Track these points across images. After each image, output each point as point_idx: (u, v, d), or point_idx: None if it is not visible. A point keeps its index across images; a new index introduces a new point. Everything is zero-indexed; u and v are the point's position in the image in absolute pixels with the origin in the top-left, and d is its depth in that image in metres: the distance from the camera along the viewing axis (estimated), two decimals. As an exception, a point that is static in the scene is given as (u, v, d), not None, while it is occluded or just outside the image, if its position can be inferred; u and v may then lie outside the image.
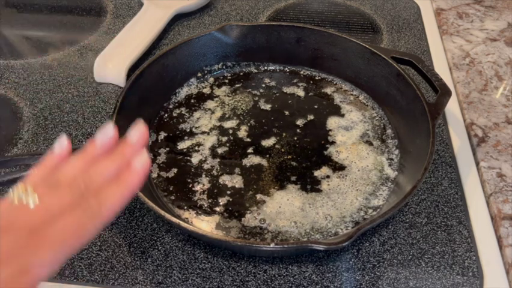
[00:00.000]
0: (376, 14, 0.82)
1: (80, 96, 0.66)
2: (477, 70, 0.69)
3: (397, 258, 0.48)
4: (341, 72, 0.66)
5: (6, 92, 0.67)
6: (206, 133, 0.59)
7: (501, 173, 0.55)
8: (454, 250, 0.48)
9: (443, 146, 0.59)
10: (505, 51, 0.72)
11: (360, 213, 0.50)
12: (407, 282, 0.46)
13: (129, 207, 0.52)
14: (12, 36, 0.79)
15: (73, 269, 0.47)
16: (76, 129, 0.61)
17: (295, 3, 0.85)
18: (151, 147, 0.58)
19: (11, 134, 0.61)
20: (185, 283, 0.46)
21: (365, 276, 0.46)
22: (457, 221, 0.51)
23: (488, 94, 0.65)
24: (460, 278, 0.46)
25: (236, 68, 0.68)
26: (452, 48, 0.73)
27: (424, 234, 0.50)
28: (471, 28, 0.77)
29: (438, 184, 0.54)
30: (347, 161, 0.56)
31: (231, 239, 0.47)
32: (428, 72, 0.57)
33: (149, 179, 0.54)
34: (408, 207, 0.52)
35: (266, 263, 0.47)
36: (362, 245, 0.49)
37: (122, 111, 0.53)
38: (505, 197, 0.52)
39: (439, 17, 0.80)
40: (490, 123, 0.61)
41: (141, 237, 0.49)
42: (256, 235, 0.49)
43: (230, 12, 0.83)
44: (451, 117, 0.63)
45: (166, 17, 0.77)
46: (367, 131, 0.59)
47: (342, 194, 0.52)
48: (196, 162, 0.56)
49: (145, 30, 0.74)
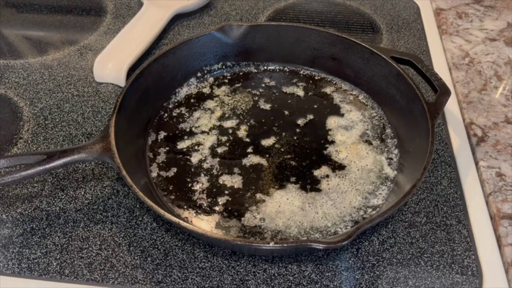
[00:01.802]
0: (376, 14, 0.82)
1: (80, 96, 0.66)
2: (476, 70, 0.69)
3: (396, 258, 0.48)
4: (340, 72, 0.66)
5: (6, 92, 0.67)
6: (206, 133, 0.59)
7: (500, 172, 0.55)
8: (453, 249, 0.48)
9: (443, 145, 0.59)
10: (504, 51, 0.72)
11: (359, 213, 0.50)
12: (407, 282, 0.46)
13: (129, 207, 0.52)
14: (12, 36, 0.79)
15: (72, 268, 0.47)
16: (75, 129, 0.61)
17: (295, 3, 0.85)
18: (150, 146, 0.58)
19: (11, 133, 0.61)
20: (185, 282, 0.46)
21: (365, 276, 0.46)
22: (456, 220, 0.51)
23: (487, 94, 0.65)
24: (459, 277, 0.46)
25: (236, 68, 0.68)
26: (451, 48, 0.73)
27: (423, 233, 0.50)
28: (470, 28, 0.77)
29: (437, 183, 0.54)
30: (347, 160, 0.56)
31: (231, 238, 0.47)
32: (428, 72, 0.57)
33: (149, 178, 0.54)
34: (408, 206, 0.52)
35: (266, 262, 0.47)
36: (362, 244, 0.49)
37: (122, 111, 0.53)
38: (504, 196, 0.52)
39: (439, 16, 0.80)
40: (490, 122, 0.61)
41: (141, 237, 0.49)
42: (255, 234, 0.49)
43: (230, 12, 0.83)
44: (450, 116, 0.63)
45: (166, 17, 0.77)
46: (366, 130, 0.59)
47: (341, 193, 0.52)
48: (196, 162, 0.56)
49: (145, 30, 0.74)
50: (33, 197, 0.53)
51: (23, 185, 0.54)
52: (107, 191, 0.54)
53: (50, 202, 0.52)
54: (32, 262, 0.47)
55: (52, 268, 0.47)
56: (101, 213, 0.51)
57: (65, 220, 0.51)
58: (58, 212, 0.52)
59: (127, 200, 0.53)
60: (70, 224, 0.50)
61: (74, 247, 0.48)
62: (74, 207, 0.52)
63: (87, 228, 0.50)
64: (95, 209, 0.52)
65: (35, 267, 0.47)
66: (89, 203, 0.52)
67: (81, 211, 0.52)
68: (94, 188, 0.54)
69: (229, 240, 0.44)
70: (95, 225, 0.50)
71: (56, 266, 0.47)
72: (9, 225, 0.50)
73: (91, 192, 0.53)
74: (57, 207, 0.52)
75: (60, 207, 0.52)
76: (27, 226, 0.50)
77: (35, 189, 0.54)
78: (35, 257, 0.48)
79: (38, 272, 0.47)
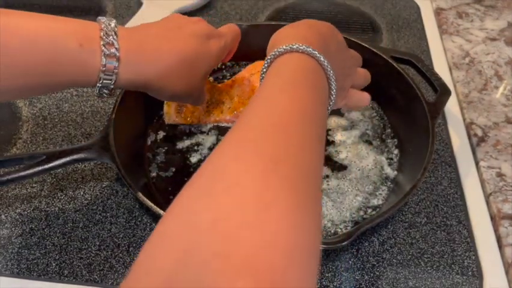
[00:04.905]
0: (376, 14, 0.82)
1: (79, 95, 0.66)
2: (477, 70, 0.69)
3: (396, 258, 0.48)
4: (340, 72, 0.66)
5: (5, 92, 0.67)
6: (205, 133, 0.59)
7: (501, 172, 0.55)
8: (454, 250, 0.48)
9: (443, 145, 0.59)
10: (504, 51, 0.72)
11: (359, 213, 0.50)
12: (407, 282, 0.46)
13: (128, 207, 0.52)
14: (12, 36, 0.79)
15: (72, 269, 0.47)
16: (75, 129, 0.61)
17: (295, 3, 0.85)
18: (150, 147, 0.58)
19: (10, 133, 0.61)
20: (184, 283, 0.45)
21: (364, 276, 0.46)
22: (457, 220, 0.51)
23: (488, 94, 0.65)
24: (460, 278, 0.46)
25: (236, 68, 0.68)
26: (451, 48, 0.73)
27: (424, 233, 0.49)
28: (471, 28, 0.77)
29: (437, 184, 0.54)
30: (347, 160, 0.56)
31: (230, 238, 0.47)
32: (428, 72, 0.57)
33: (148, 178, 0.54)
34: (408, 206, 0.52)
35: (265, 263, 0.47)
36: (362, 244, 0.49)
37: (121, 111, 0.53)
38: (504, 196, 0.52)
39: (439, 16, 0.80)
40: (490, 122, 0.61)
41: (140, 237, 0.49)
42: (255, 235, 0.49)
43: (229, 12, 0.83)
44: (450, 116, 0.63)
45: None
46: (367, 130, 0.59)
47: (341, 193, 0.52)
48: (195, 162, 0.56)
49: (145, 30, 0.73)
50: (33, 198, 0.53)
51: (22, 185, 0.54)
52: (107, 191, 0.54)
53: (49, 202, 0.52)
54: (31, 263, 0.47)
55: (51, 269, 0.47)
56: (100, 213, 0.51)
57: (64, 220, 0.51)
58: (57, 213, 0.51)
59: (126, 200, 0.53)
60: (69, 225, 0.50)
61: (73, 247, 0.48)
62: (73, 207, 0.52)
63: (86, 228, 0.50)
64: (94, 210, 0.52)
65: (34, 267, 0.47)
66: (88, 204, 0.52)
67: (80, 211, 0.51)
68: (93, 189, 0.54)
69: (229, 241, 0.44)
70: (94, 225, 0.50)
71: (55, 267, 0.47)
72: (8, 226, 0.50)
73: (90, 193, 0.53)
74: (56, 207, 0.52)
75: (60, 207, 0.52)
76: (27, 226, 0.50)
77: (34, 190, 0.54)
78: (34, 257, 0.48)
79: (37, 272, 0.46)
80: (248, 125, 0.31)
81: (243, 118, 0.32)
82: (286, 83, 0.35)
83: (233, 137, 0.30)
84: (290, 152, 0.28)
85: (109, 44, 0.41)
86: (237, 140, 0.29)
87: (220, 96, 0.59)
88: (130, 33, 0.43)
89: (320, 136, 0.33)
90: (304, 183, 0.27)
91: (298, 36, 0.40)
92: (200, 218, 0.24)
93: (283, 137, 0.29)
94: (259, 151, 0.27)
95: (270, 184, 0.25)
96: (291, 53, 0.38)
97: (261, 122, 0.30)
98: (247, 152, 0.28)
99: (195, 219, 0.24)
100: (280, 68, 0.38)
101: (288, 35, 0.41)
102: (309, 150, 0.30)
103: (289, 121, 0.31)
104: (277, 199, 0.25)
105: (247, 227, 0.23)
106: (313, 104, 0.34)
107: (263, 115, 0.31)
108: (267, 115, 0.31)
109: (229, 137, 0.30)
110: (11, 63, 0.39)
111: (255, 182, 0.25)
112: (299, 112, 0.32)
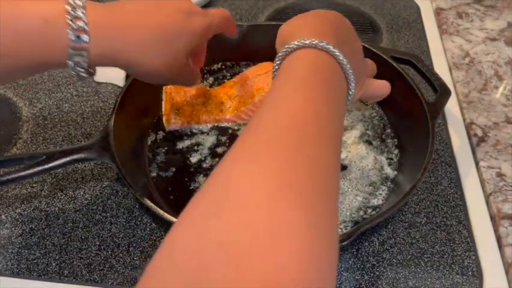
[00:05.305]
0: (376, 14, 0.82)
1: (79, 95, 0.66)
2: (477, 70, 0.69)
3: (396, 258, 0.48)
4: (340, 72, 0.66)
5: (5, 92, 0.67)
6: (205, 133, 0.59)
7: (501, 172, 0.55)
8: (454, 250, 0.48)
9: (443, 145, 0.59)
10: (504, 51, 0.72)
11: (359, 213, 0.50)
12: (407, 282, 0.46)
13: (128, 207, 0.52)
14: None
15: (72, 269, 0.47)
16: (75, 129, 0.61)
17: (295, 3, 0.85)
18: (150, 146, 0.58)
19: (10, 133, 0.61)
20: (184, 283, 0.45)
21: (364, 276, 0.46)
22: (457, 220, 0.51)
23: (487, 94, 0.65)
24: (460, 278, 0.46)
25: (236, 68, 0.68)
26: (451, 48, 0.73)
27: (424, 233, 0.49)
28: (471, 28, 0.77)
29: (437, 184, 0.54)
30: (347, 160, 0.56)
31: (230, 238, 0.47)
32: (428, 72, 0.57)
33: (148, 178, 0.54)
34: (408, 206, 0.52)
35: (265, 263, 0.47)
36: (362, 244, 0.49)
37: (121, 111, 0.53)
38: (504, 196, 0.52)
39: (439, 16, 0.80)
40: (490, 122, 0.61)
41: (140, 237, 0.49)
42: (255, 235, 0.49)
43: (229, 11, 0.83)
44: (450, 116, 0.63)
45: (166, 17, 0.77)
46: (366, 130, 0.59)
47: (341, 193, 0.52)
48: (195, 162, 0.56)
49: (145, 30, 0.73)
50: (33, 198, 0.53)
51: (22, 185, 0.54)
52: (107, 191, 0.54)
53: (49, 202, 0.52)
54: (31, 262, 0.47)
55: (51, 269, 0.47)
56: (100, 213, 0.51)
57: (64, 220, 0.51)
58: (57, 213, 0.51)
59: (126, 200, 0.53)
60: (69, 225, 0.50)
61: (73, 247, 0.48)
62: (73, 207, 0.52)
63: (86, 228, 0.50)
64: (94, 210, 0.52)
65: (34, 267, 0.47)
66: (88, 204, 0.52)
67: (80, 211, 0.51)
68: (93, 189, 0.54)
69: (229, 241, 0.44)
70: (94, 225, 0.50)
71: (55, 267, 0.47)
72: (8, 226, 0.50)
73: (90, 193, 0.53)
74: (56, 207, 0.52)
75: (60, 207, 0.52)
76: (27, 226, 0.50)
77: (34, 190, 0.54)
78: (34, 257, 0.48)
79: (37, 272, 0.46)
80: (261, 128, 0.30)
81: (255, 119, 0.31)
82: (299, 82, 0.34)
83: (246, 141, 0.29)
84: (305, 159, 0.27)
85: (76, 18, 0.38)
86: (249, 145, 0.28)
87: (219, 96, 0.59)
88: (101, 8, 0.41)
89: (336, 137, 0.32)
90: (319, 196, 0.26)
91: (309, 29, 0.38)
92: (210, 237, 0.23)
93: (297, 141, 0.28)
94: (273, 160, 0.26)
95: (282, 204, 0.24)
96: (304, 49, 0.37)
97: (274, 125, 0.29)
98: (260, 161, 0.26)
99: (204, 237, 0.23)
100: (293, 65, 0.36)
101: (298, 27, 0.40)
102: (326, 154, 0.29)
103: (304, 122, 0.30)
104: (290, 222, 0.24)
105: (256, 253, 0.22)
106: (328, 104, 0.33)
107: (276, 117, 0.30)
108: (279, 116, 0.30)
109: (241, 143, 0.29)
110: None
111: (267, 202, 0.24)
112: (314, 113, 0.31)
